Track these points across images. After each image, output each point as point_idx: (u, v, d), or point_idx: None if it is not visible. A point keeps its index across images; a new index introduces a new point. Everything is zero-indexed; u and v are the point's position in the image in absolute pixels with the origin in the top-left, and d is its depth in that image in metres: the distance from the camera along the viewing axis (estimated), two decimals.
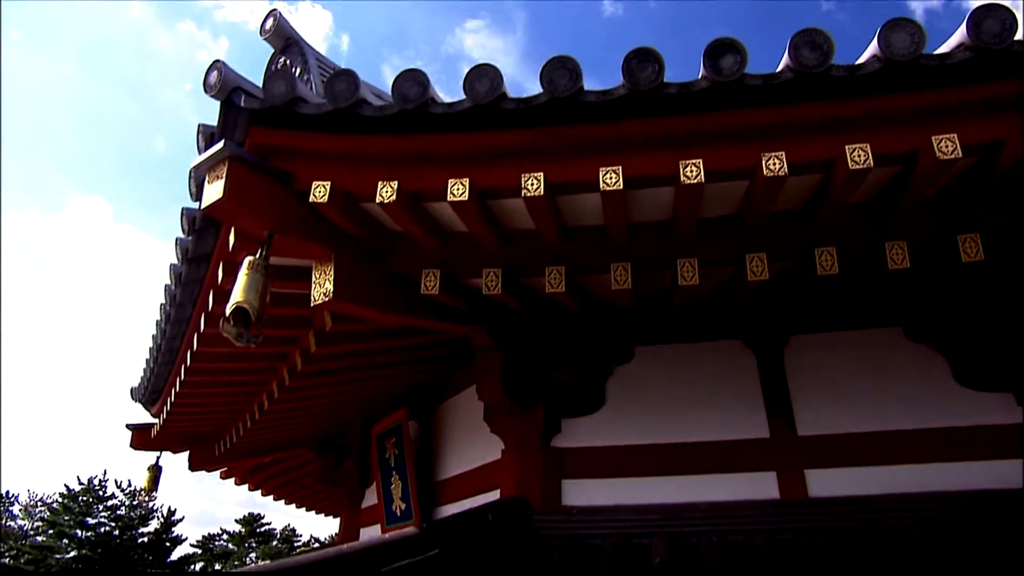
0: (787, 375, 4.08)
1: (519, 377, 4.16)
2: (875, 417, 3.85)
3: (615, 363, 4.35)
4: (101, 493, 29.03)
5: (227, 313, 2.77)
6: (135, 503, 29.46)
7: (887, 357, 3.99)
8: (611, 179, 2.63)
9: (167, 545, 29.80)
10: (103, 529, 28.30)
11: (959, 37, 2.57)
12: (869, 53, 2.62)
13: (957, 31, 2.60)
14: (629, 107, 2.67)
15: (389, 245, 3.39)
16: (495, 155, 2.81)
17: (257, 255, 2.90)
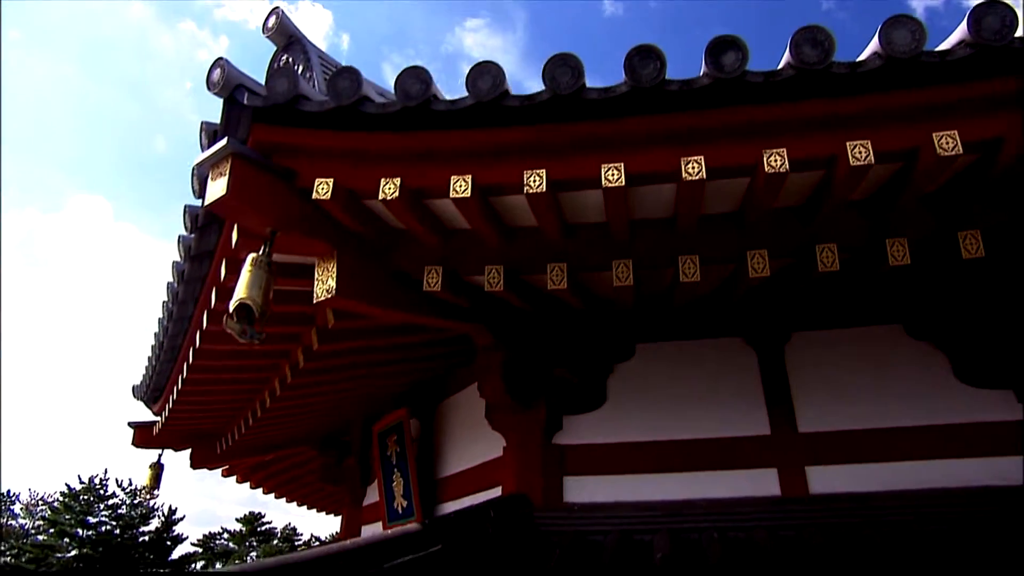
0: (788, 372, 4.09)
1: (520, 374, 4.16)
2: (876, 414, 3.87)
3: (616, 360, 4.36)
4: (102, 492, 29.01)
5: (231, 310, 2.78)
6: (136, 502, 29.47)
7: (888, 354, 4.01)
8: (613, 176, 2.64)
9: (168, 544, 29.78)
10: (104, 528, 28.28)
11: (960, 34, 2.58)
12: (870, 50, 2.63)
13: (958, 28, 2.61)
14: (631, 104, 2.67)
15: (391, 242, 3.40)
16: (498, 152, 2.82)
17: (260, 252, 2.91)
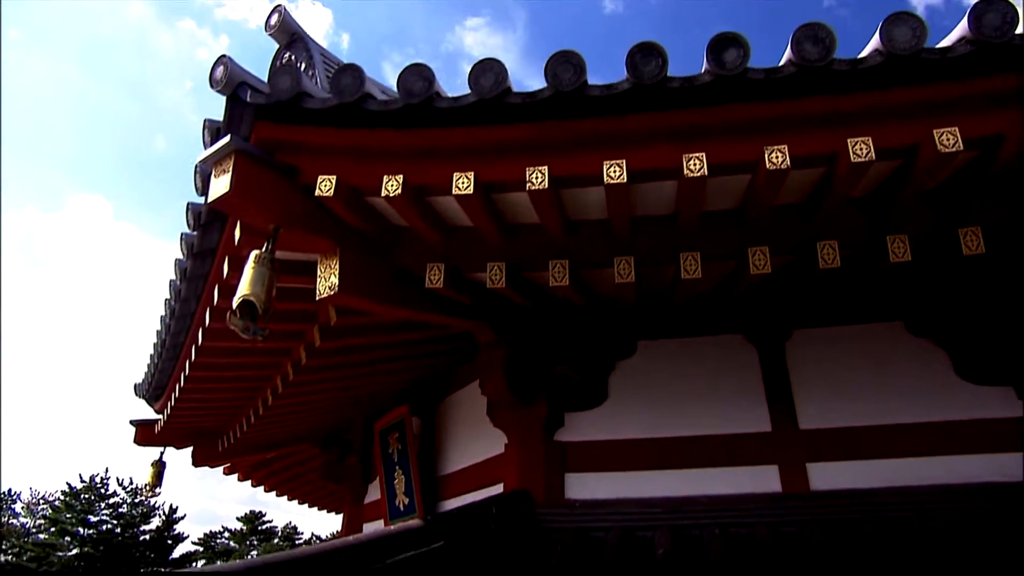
0: (789, 369, 4.11)
1: (522, 372, 4.17)
2: (876, 411, 3.88)
3: (617, 358, 4.37)
4: (103, 491, 29.09)
5: (234, 306, 2.79)
6: (137, 501, 29.53)
7: (888, 351, 4.02)
8: (615, 172, 2.65)
9: (169, 543, 29.85)
10: (105, 527, 28.35)
11: (960, 31, 2.58)
12: (871, 47, 2.63)
13: (958, 25, 2.61)
14: (633, 101, 2.68)
15: (394, 239, 3.41)
16: (500, 149, 2.82)
17: (263, 249, 2.92)
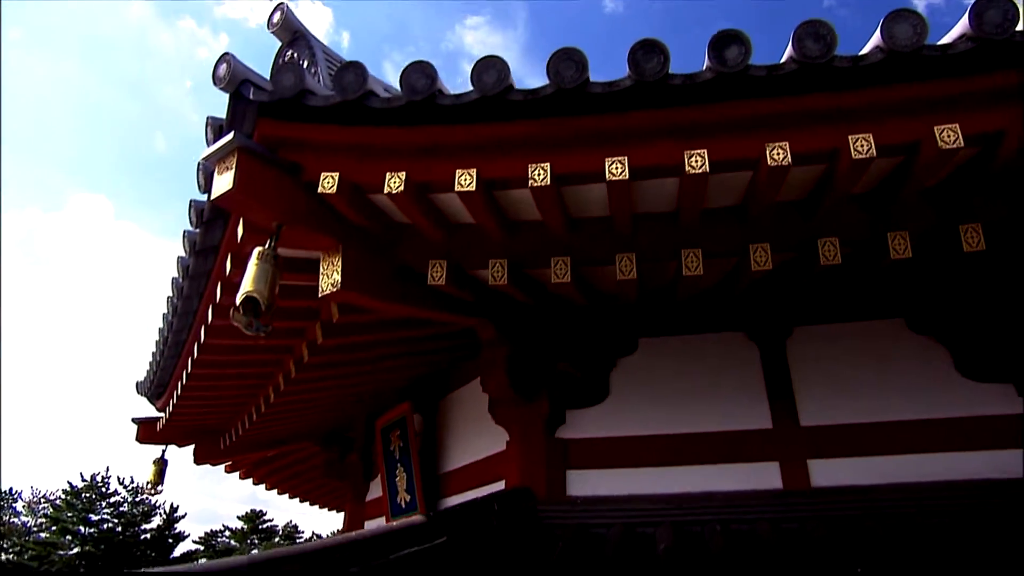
0: (790, 366, 4.11)
1: (524, 369, 4.18)
2: (877, 408, 3.89)
3: (619, 355, 4.38)
4: (104, 490, 29.11)
5: (237, 303, 2.80)
6: (138, 500, 29.57)
7: (889, 348, 4.03)
8: (617, 169, 2.65)
9: (169, 542, 29.87)
10: (106, 526, 28.37)
11: (961, 28, 2.59)
12: (872, 44, 2.64)
13: (959, 22, 2.62)
14: (635, 98, 2.69)
15: (396, 237, 3.42)
16: (502, 146, 2.83)
17: (266, 246, 2.93)
